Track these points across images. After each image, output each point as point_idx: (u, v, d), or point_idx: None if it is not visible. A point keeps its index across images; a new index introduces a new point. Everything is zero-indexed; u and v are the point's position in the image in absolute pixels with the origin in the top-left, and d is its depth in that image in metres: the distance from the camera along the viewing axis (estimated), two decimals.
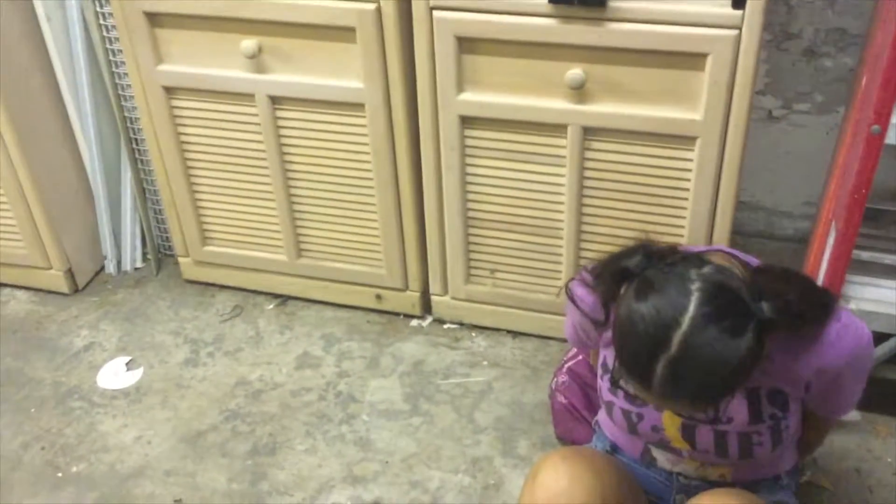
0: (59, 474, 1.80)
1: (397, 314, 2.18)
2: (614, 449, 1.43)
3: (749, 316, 1.04)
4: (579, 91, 1.68)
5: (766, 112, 2.15)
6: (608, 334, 1.24)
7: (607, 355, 1.32)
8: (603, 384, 1.33)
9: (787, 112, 2.13)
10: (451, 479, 1.74)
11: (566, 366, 1.75)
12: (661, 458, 1.36)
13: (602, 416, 1.48)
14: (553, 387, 1.75)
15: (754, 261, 1.22)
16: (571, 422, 1.71)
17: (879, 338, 1.62)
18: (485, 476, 1.74)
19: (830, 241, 1.56)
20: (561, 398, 1.72)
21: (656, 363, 1.02)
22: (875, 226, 1.82)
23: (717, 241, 1.78)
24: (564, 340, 2.02)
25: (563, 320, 2.01)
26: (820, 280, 1.59)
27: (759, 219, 2.34)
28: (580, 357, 1.74)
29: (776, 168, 2.23)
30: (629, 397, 1.26)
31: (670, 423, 1.27)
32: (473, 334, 2.11)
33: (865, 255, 1.64)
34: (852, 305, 1.57)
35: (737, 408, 1.22)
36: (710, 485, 1.34)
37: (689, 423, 1.24)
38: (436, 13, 1.68)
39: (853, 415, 1.81)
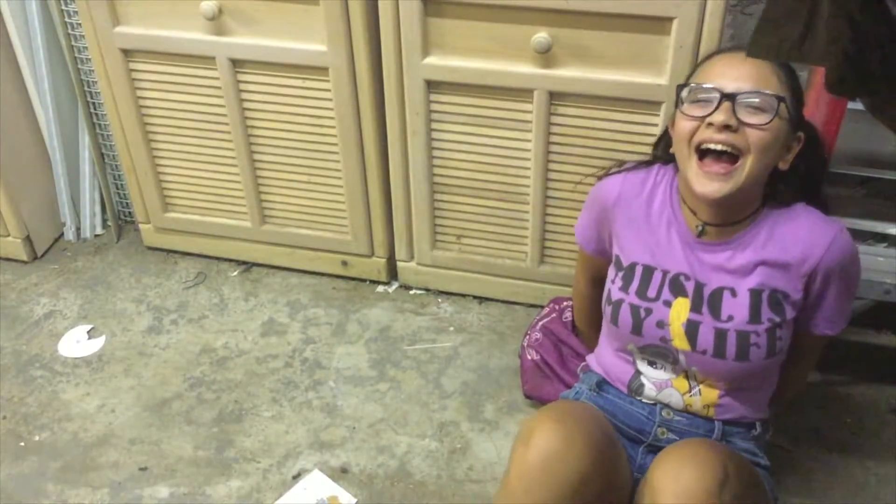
0: (22, 443, 1.78)
1: (363, 280, 2.17)
2: (600, 386, 1.45)
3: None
4: (545, 55, 1.67)
5: None
6: (622, 221, 1.38)
7: (619, 253, 1.39)
8: (613, 286, 1.39)
9: None
10: (418, 443, 1.75)
11: (539, 323, 1.77)
12: (649, 384, 1.39)
13: (591, 357, 1.51)
14: (525, 344, 1.77)
15: None
16: (540, 378, 1.73)
17: None
18: (451, 440, 1.75)
19: None
20: (532, 355, 1.74)
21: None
22: (837, 189, 1.83)
23: None
24: (530, 305, 2.04)
25: (529, 285, 2.03)
26: None
27: None
28: (553, 315, 1.76)
29: None
30: (639, 292, 1.35)
31: (676, 318, 1.32)
32: (439, 300, 2.11)
33: None
34: None
35: (738, 306, 1.29)
36: (690, 419, 1.37)
37: (693, 319, 1.31)
38: None
39: (812, 376, 1.84)
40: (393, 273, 2.15)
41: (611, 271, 1.42)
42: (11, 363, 1.97)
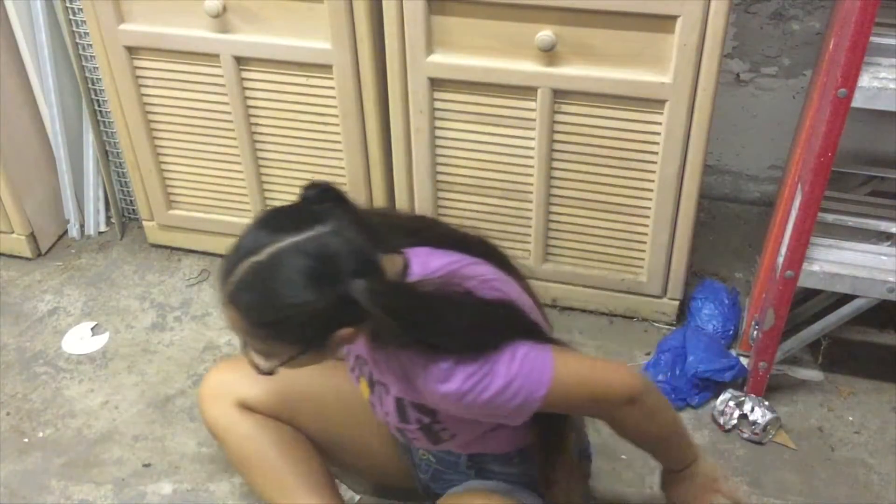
0: (26, 440, 1.78)
1: None
2: None
3: (336, 280, 1.04)
4: (549, 53, 1.67)
5: (733, 76, 2.15)
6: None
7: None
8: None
9: (755, 75, 2.14)
10: None
11: None
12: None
13: None
14: None
15: (444, 261, 1.18)
16: None
17: (843, 299, 1.65)
18: None
19: (796, 203, 1.57)
20: None
21: (244, 262, 1.05)
22: (840, 189, 1.84)
23: (684, 206, 1.79)
24: None
25: (532, 283, 2.02)
26: (785, 243, 1.61)
27: (725, 182, 2.36)
28: None
29: (743, 131, 2.24)
30: (357, 362, 1.32)
31: (363, 392, 1.32)
32: None
33: (831, 218, 1.66)
34: (816, 268, 1.59)
35: (389, 405, 1.25)
36: (437, 459, 1.39)
37: (371, 401, 1.30)
38: None
39: (816, 375, 1.84)
40: None
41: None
42: (15, 360, 1.97)
